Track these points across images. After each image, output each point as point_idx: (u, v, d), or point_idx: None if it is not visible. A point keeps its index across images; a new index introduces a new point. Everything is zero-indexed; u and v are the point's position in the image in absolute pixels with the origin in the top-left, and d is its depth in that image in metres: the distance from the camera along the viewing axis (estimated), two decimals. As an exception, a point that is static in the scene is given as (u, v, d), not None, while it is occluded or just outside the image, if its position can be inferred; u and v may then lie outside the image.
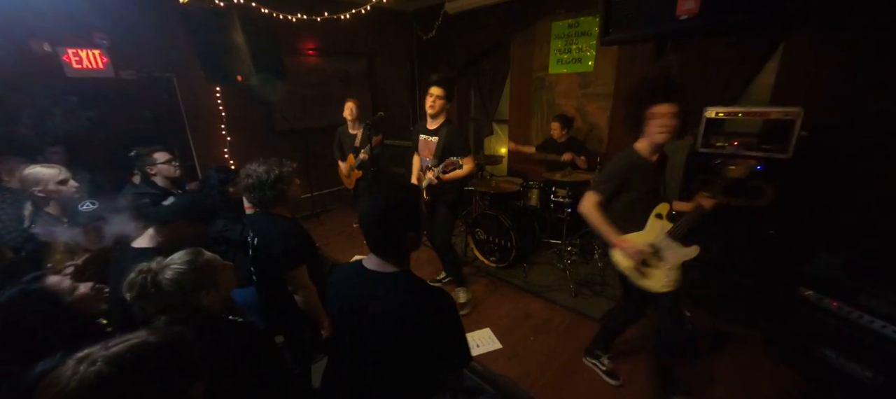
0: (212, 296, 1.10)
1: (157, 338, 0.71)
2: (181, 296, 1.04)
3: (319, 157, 4.71)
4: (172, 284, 1.04)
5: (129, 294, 1.04)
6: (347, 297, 1.11)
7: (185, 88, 3.78)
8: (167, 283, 1.04)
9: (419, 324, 1.00)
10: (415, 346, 1.01)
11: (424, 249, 3.98)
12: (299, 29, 4.16)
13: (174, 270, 1.06)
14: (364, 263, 1.12)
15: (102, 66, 3.19)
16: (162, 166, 2.38)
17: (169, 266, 1.08)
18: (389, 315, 1.01)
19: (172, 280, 1.04)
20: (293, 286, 1.61)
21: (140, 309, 1.06)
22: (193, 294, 1.06)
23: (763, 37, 2.80)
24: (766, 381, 2.13)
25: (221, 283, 1.14)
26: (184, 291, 1.04)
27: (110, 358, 0.64)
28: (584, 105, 4.09)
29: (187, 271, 1.06)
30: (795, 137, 2.28)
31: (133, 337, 0.70)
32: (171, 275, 1.05)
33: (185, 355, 0.74)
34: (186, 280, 1.05)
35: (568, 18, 3.94)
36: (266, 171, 1.59)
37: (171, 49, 3.57)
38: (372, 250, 1.09)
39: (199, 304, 1.07)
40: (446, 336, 1.03)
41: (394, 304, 1.02)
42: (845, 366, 1.90)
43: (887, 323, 1.76)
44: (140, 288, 1.04)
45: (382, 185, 1.08)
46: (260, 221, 1.66)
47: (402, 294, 1.03)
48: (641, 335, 2.43)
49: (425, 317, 1.01)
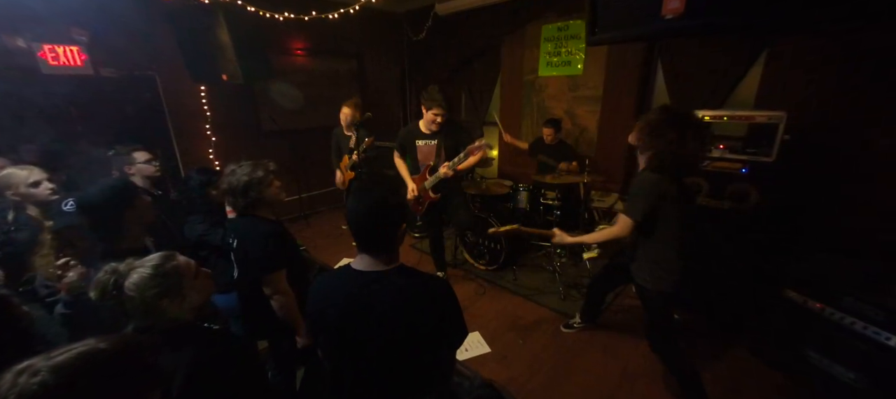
0: (177, 304, 1.05)
1: (107, 345, 0.67)
2: (141, 301, 0.99)
3: (308, 159, 4.64)
4: (133, 288, 0.99)
5: (93, 293, 1.00)
6: (341, 303, 1.08)
7: (169, 87, 3.68)
8: (129, 285, 1.00)
9: (429, 310, 1.06)
10: (427, 332, 1.06)
11: (413, 252, 3.95)
12: (287, 28, 4.10)
13: (138, 274, 1.01)
14: (354, 266, 1.11)
15: (81, 63, 3.08)
16: (141, 166, 2.31)
17: (136, 268, 1.03)
18: (400, 308, 1.04)
19: (134, 283, 1.00)
20: (269, 290, 1.56)
21: (108, 312, 1.01)
22: (154, 300, 1.01)
23: (748, 40, 2.84)
24: (752, 383, 2.14)
25: (191, 291, 1.09)
26: (144, 297, 0.99)
27: (54, 367, 0.60)
28: (573, 108, 4.11)
29: (150, 276, 1.01)
30: (779, 141, 2.32)
31: (80, 345, 0.65)
32: (134, 278, 1.00)
33: (137, 363, 0.70)
34: (148, 285, 1.00)
35: (557, 22, 3.96)
36: (244, 174, 1.55)
37: (153, 47, 3.48)
38: (364, 250, 1.09)
39: (162, 312, 1.02)
40: (452, 316, 1.11)
41: (402, 296, 1.05)
42: (829, 367, 1.92)
43: (869, 325, 1.79)
44: (102, 288, 1.00)
45: (368, 185, 1.10)
46: (240, 223, 1.62)
47: (408, 286, 1.07)
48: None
49: (434, 302, 1.08)
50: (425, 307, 1.06)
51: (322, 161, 4.12)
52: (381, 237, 1.08)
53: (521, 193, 3.81)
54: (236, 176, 1.56)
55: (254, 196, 1.57)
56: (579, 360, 2.37)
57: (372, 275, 1.08)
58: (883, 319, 1.75)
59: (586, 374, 2.25)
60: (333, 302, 1.11)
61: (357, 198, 1.07)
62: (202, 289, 1.14)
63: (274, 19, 3.73)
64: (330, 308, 1.11)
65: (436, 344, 1.10)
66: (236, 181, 1.55)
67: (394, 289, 1.05)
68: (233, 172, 1.57)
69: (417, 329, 1.05)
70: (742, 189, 2.46)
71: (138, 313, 1.01)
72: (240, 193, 1.55)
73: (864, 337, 1.80)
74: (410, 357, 1.08)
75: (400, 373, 1.09)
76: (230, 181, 1.55)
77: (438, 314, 1.08)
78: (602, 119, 3.91)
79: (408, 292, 1.06)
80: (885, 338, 1.73)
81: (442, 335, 1.10)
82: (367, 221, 1.06)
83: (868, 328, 1.79)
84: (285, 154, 4.50)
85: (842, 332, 1.87)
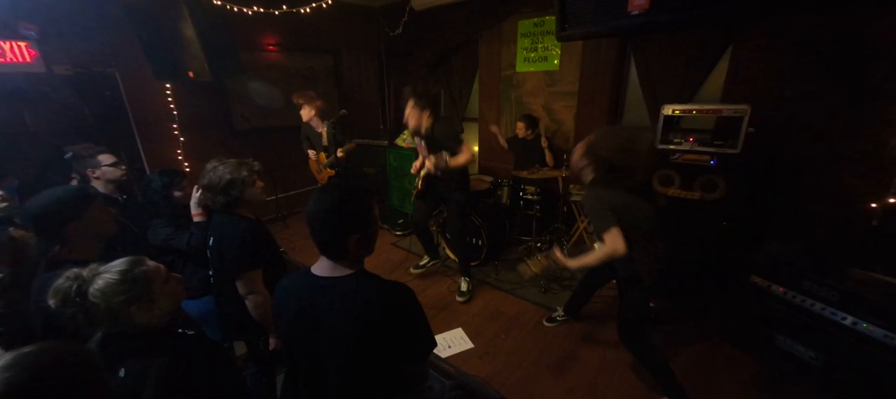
0: (146, 310, 1.00)
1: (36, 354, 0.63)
2: (107, 309, 0.94)
3: (284, 158, 4.52)
4: (98, 295, 0.94)
5: (53, 300, 0.94)
6: (297, 308, 1.05)
7: (131, 85, 3.49)
8: (94, 292, 0.94)
9: (382, 322, 0.98)
10: (380, 346, 0.99)
11: (400, 251, 3.92)
12: (258, 23, 3.96)
13: (104, 280, 0.96)
14: (314, 270, 1.06)
15: (30, 59, 2.87)
16: (106, 169, 2.18)
17: (101, 274, 0.98)
18: (352, 320, 0.97)
19: (99, 290, 0.94)
20: (244, 290, 1.53)
21: (69, 320, 0.95)
22: (122, 307, 0.96)
23: (715, 35, 2.94)
24: (721, 366, 2.24)
25: (160, 297, 1.04)
26: (110, 304, 0.94)
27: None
28: (551, 103, 4.16)
29: (116, 282, 0.96)
30: (744, 133, 2.42)
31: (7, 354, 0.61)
32: (100, 284, 0.95)
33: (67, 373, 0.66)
34: (114, 292, 0.95)
35: (534, 17, 3.99)
36: (228, 172, 1.50)
37: (112, 42, 3.28)
38: (322, 252, 1.04)
39: (130, 318, 0.97)
40: (409, 328, 1.02)
41: (354, 308, 0.98)
42: (792, 347, 2.03)
43: (827, 306, 1.90)
44: (64, 296, 0.93)
45: (331, 185, 1.05)
46: (219, 221, 1.58)
47: (361, 297, 0.99)
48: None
49: (387, 314, 0.99)
50: (379, 319, 0.98)
51: (299, 160, 4.02)
52: (333, 242, 1.01)
53: (502, 189, 3.84)
54: (218, 172, 1.50)
55: (235, 195, 1.53)
56: (559, 351, 2.41)
57: (329, 281, 1.02)
58: (838, 300, 1.87)
59: (567, 366, 2.30)
60: (286, 306, 1.07)
61: (316, 198, 1.01)
62: (173, 294, 1.11)
63: (242, 13, 3.59)
64: (283, 312, 1.07)
65: (394, 359, 1.02)
66: (217, 178, 1.49)
67: (348, 300, 0.98)
68: (214, 169, 1.52)
69: (371, 343, 0.98)
70: (711, 180, 2.56)
71: (105, 321, 0.96)
72: (220, 191, 1.50)
73: (822, 318, 1.91)
74: (366, 371, 1.02)
75: (356, 387, 1.03)
76: (210, 177, 1.50)
77: (395, 327, 0.99)
78: (578, 113, 3.98)
79: (361, 303, 0.98)
80: (841, 318, 1.85)
81: (401, 350, 1.01)
82: (321, 223, 0.99)
83: (826, 309, 1.90)
84: (260, 153, 4.33)
85: (803, 314, 1.98)
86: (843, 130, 2.57)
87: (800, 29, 2.61)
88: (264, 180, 1.69)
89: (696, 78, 3.12)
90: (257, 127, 4.29)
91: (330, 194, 1.01)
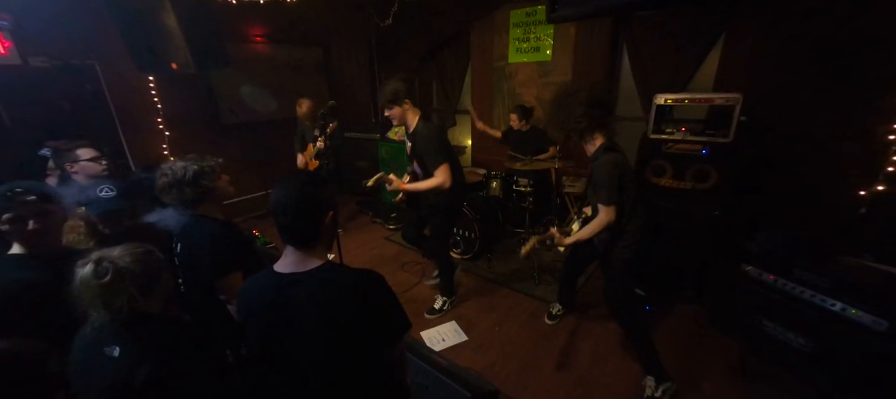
0: (155, 298, 1.05)
1: None
2: (121, 290, 0.97)
3: (272, 152, 4.43)
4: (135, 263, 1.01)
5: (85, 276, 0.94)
6: (266, 312, 0.99)
7: (112, 78, 3.38)
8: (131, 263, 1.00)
9: (355, 311, 0.97)
10: (357, 335, 0.97)
11: (393, 245, 3.88)
12: (243, 12, 3.85)
13: (132, 255, 1.02)
14: (278, 268, 1.01)
15: (4, 51, 2.76)
16: (85, 164, 2.10)
17: (116, 257, 1.00)
18: (325, 317, 0.95)
19: (135, 259, 1.01)
20: (226, 295, 1.42)
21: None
22: (133, 291, 0.98)
23: (707, 22, 2.92)
24: (710, 352, 2.26)
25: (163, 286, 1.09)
26: (125, 287, 0.97)
27: None
28: (543, 94, 4.12)
29: (144, 252, 1.05)
30: (736, 122, 2.41)
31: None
32: (123, 264, 0.99)
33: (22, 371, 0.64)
34: (149, 261, 1.04)
35: (526, 7, 3.94)
36: (193, 164, 1.42)
37: (92, 32, 3.17)
38: (292, 243, 1.01)
39: (135, 303, 0.99)
40: (383, 312, 1.02)
41: (326, 301, 0.96)
42: (782, 334, 2.04)
43: (816, 292, 1.91)
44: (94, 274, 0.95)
45: (285, 176, 1.02)
46: (184, 224, 1.45)
47: (332, 288, 0.98)
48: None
49: (360, 302, 0.98)
50: (353, 309, 0.97)
51: (287, 153, 3.94)
52: (312, 226, 1.01)
53: (495, 181, 3.81)
54: (179, 166, 1.41)
55: (206, 185, 1.44)
56: (552, 342, 2.41)
57: (293, 277, 0.98)
58: (828, 287, 1.88)
59: (559, 356, 2.30)
60: (253, 312, 1.02)
61: (279, 187, 0.99)
62: (167, 282, 1.13)
63: (226, 2, 3.48)
64: (251, 318, 1.02)
65: (372, 345, 1.01)
66: (182, 171, 1.40)
67: (316, 292, 0.96)
68: (171, 166, 1.42)
69: (347, 334, 0.96)
70: (703, 170, 2.56)
71: (109, 305, 0.96)
72: (189, 183, 1.40)
73: (810, 303, 1.93)
74: (346, 365, 0.99)
75: (338, 384, 1.00)
76: (175, 172, 1.40)
77: (369, 313, 0.99)
78: (571, 104, 3.95)
79: (333, 295, 0.97)
80: (830, 304, 1.86)
81: (377, 335, 1.01)
82: (297, 210, 0.98)
83: (816, 296, 1.91)
84: (248, 147, 4.28)
85: (793, 301, 1.99)
86: (832, 119, 2.58)
87: (790, 19, 2.61)
88: (252, 174, 1.62)
89: (689, 66, 3.10)
90: (245, 120, 4.20)
91: (291, 181, 1.00)
